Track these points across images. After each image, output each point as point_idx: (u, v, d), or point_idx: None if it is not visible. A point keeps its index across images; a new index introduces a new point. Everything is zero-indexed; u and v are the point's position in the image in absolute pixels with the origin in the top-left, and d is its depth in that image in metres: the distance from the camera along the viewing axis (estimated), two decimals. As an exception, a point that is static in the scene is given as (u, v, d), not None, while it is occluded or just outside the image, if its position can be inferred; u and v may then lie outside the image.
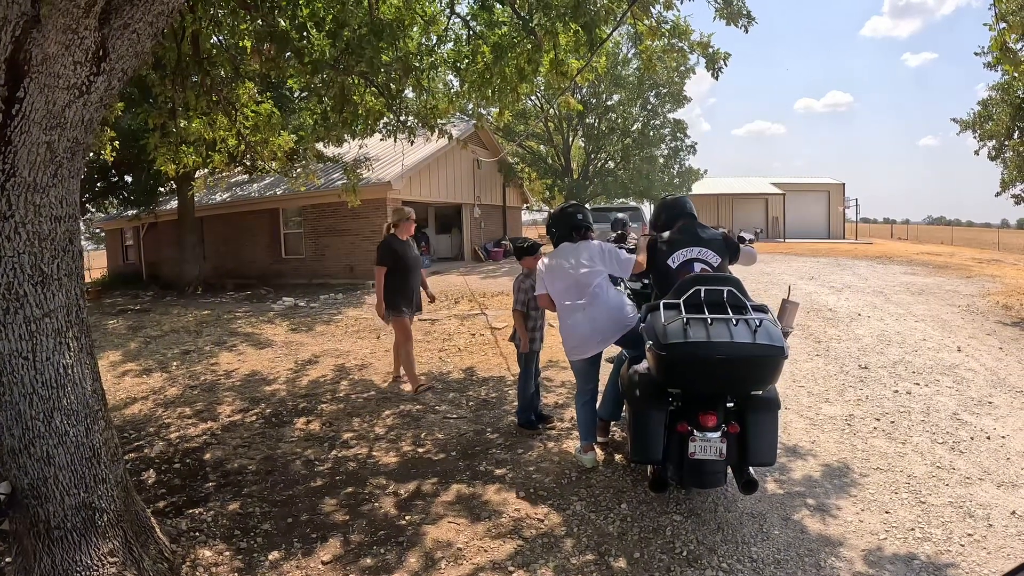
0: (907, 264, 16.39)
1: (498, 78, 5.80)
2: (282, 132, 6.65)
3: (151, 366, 7.54)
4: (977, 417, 4.91)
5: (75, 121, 2.74)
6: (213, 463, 4.49)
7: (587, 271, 3.98)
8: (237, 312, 11.85)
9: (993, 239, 30.88)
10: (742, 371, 3.10)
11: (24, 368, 2.66)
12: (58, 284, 2.78)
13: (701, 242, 3.89)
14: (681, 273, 3.72)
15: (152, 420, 5.59)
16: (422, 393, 5.85)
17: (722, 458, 3.13)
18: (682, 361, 3.06)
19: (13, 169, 2.58)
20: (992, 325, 8.46)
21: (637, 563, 3.01)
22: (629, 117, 25.16)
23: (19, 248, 2.64)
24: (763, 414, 3.20)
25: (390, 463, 4.34)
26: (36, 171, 2.65)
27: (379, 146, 14.56)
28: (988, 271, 14.55)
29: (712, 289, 3.26)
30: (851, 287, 11.88)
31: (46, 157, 2.67)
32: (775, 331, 3.10)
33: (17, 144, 2.57)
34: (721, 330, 3.04)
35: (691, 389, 3.24)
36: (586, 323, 3.98)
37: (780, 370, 3.16)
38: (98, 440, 2.88)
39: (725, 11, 5.40)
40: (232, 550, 3.25)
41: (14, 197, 2.61)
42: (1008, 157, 12.14)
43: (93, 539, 2.75)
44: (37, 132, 2.60)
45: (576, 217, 4.19)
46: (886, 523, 3.32)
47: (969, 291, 11.34)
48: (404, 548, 3.19)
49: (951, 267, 15.49)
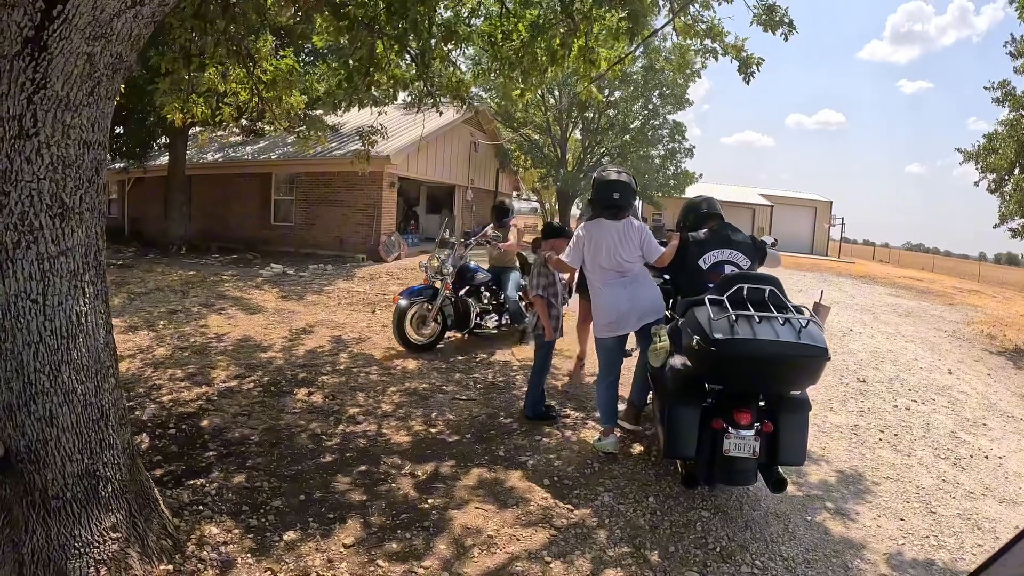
0: (891, 286, 16.69)
1: (529, 58, 5.65)
2: (294, 92, 6.40)
3: (137, 323, 7.25)
4: (974, 437, 5.08)
5: (123, 34, 2.41)
6: (212, 431, 4.27)
7: (631, 252, 3.95)
8: (224, 275, 11.50)
9: (971, 270, 31.69)
10: (788, 370, 3.11)
11: (32, 313, 2.33)
12: (79, 219, 2.46)
13: (732, 244, 3.89)
14: (712, 274, 3.71)
15: (142, 381, 5.34)
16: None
17: (755, 456, 3.12)
18: (731, 358, 3.02)
19: (45, 80, 2.24)
20: (979, 352, 8.68)
21: (673, 557, 2.97)
22: (629, 115, 25.06)
23: (40, 173, 2.31)
24: (797, 414, 3.22)
25: (402, 442, 4.19)
26: (71, 85, 2.32)
27: (379, 119, 14.25)
28: (970, 300, 14.90)
29: (754, 288, 3.24)
30: (840, 303, 12.01)
31: (84, 71, 2.34)
32: (818, 333, 3.09)
33: (54, 51, 2.23)
34: (767, 329, 3.02)
35: (734, 386, 3.22)
36: (627, 300, 3.93)
37: (822, 372, 3.17)
38: (107, 400, 2.58)
39: (765, 17, 5.32)
40: (242, 527, 3.04)
41: (41, 113, 2.27)
42: (1008, 191, 12.35)
43: (95, 511, 2.45)
44: (78, 40, 2.27)
45: (627, 196, 4.05)
46: (902, 530, 3.42)
47: (954, 318, 11.57)
48: (431, 533, 3.05)
49: (933, 293, 15.81)
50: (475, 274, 6.82)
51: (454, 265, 6.56)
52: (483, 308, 6.76)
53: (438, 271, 6.53)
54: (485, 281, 6.83)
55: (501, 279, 6.89)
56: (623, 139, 25.06)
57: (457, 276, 6.64)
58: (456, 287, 6.64)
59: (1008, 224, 12.54)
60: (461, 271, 6.70)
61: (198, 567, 2.69)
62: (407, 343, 6.36)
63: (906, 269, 28.80)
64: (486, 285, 6.82)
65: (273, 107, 6.26)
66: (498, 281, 6.90)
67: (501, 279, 6.89)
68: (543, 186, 32.23)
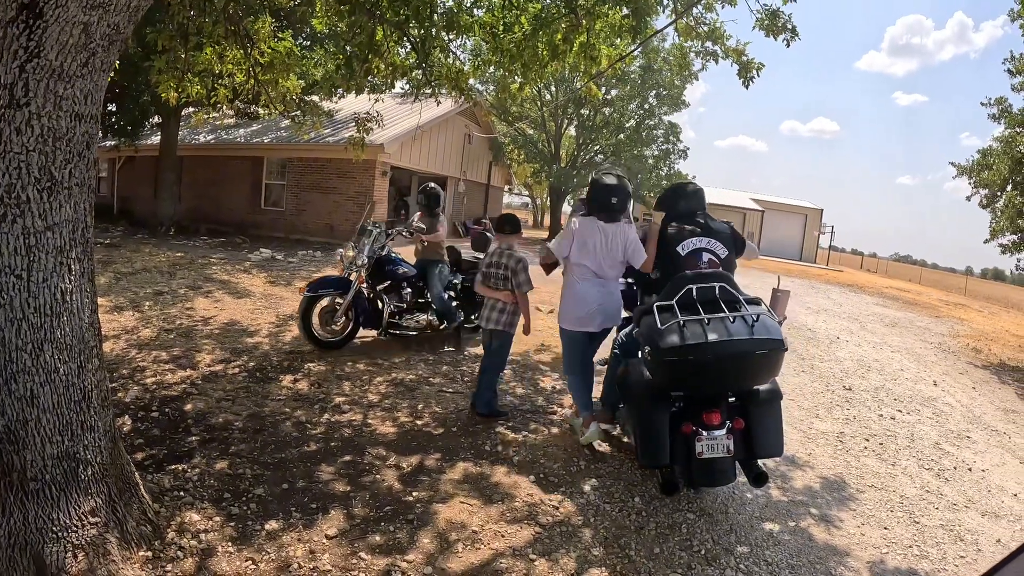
0: (878, 296, 16.81)
1: (530, 52, 5.60)
2: (291, 75, 6.32)
3: (122, 303, 7.14)
4: (958, 449, 5.12)
5: (121, 4, 2.35)
6: (195, 415, 4.21)
7: (613, 259, 3.98)
8: (212, 258, 11.37)
9: (958, 283, 32.07)
10: (743, 368, 3.08)
11: (15, 288, 2.28)
12: (67, 193, 2.40)
13: (711, 233, 3.80)
14: (689, 260, 3.63)
15: (126, 362, 5.26)
16: None
17: (730, 455, 3.12)
18: (682, 365, 3.01)
19: (39, 48, 2.18)
20: (964, 365, 8.76)
21: (658, 558, 2.96)
22: (625, 113, 25.03)
23: (29, 144, 2.25)
24: (766, 407, 3.22)
25: (388, 433, 4.15)
26: (66, 55, 2.26)
27: (375, 107, 14.14)
28: (955, 313, 15.04)
29: (703, 287, 3.21)
30: (827, 311, 12.09)
31: (80, 41, 2.28)
32: (772, 324, 3.07)
33: (49, 19, 2.17)
34: (719, 328, 2.99)
35: (695, 391, 3.20)
36: (596, 301, 3.98)
37: (781, 363, 3.15)
38: (90, 381, 2.52)
39: (768, 22, 5.30)
40: (223, 515, 2.99)
41: (34, 82, 2.21)
42: (1000, 207, 12.47)
43: (74, 495, 2.39)
44: (75, 9, 2.22)
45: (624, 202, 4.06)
46: (886, 538, 3.45)
47: (940, 330, 11.68)
48: (415, 527, 3.02)
49: (920, 304, 15.95)
50: (396, 267, 6.17)
51: (370, 256, 5.89)
52: (398, 306, 6.12)
53: (352, 262, 5.89)
54: (408, 276, 6.22)
55: (427, 274, 6.28)
56: (618, 138, 25.03)
57: (375, 268, 6.00)
58: (374, 281, 6.04)
59: (999, 240, 12.67)
60: (379, 263, 6.04)
61: (178, 554, 2.64)
62: (313, 339, 5.77)
63: (893, 279, 29.04)
64: (410, 280, 6.21)
65: (269, 90, 6.17)
66: (424, 276, 6.30)
67: (427, 274, 6.28)
68: (535, 181, 32.19)
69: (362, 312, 5.91)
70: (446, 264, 6.45)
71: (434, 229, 6.26)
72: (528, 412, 4.78)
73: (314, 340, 5.77)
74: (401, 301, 6.15)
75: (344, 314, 5.81)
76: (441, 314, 6.22)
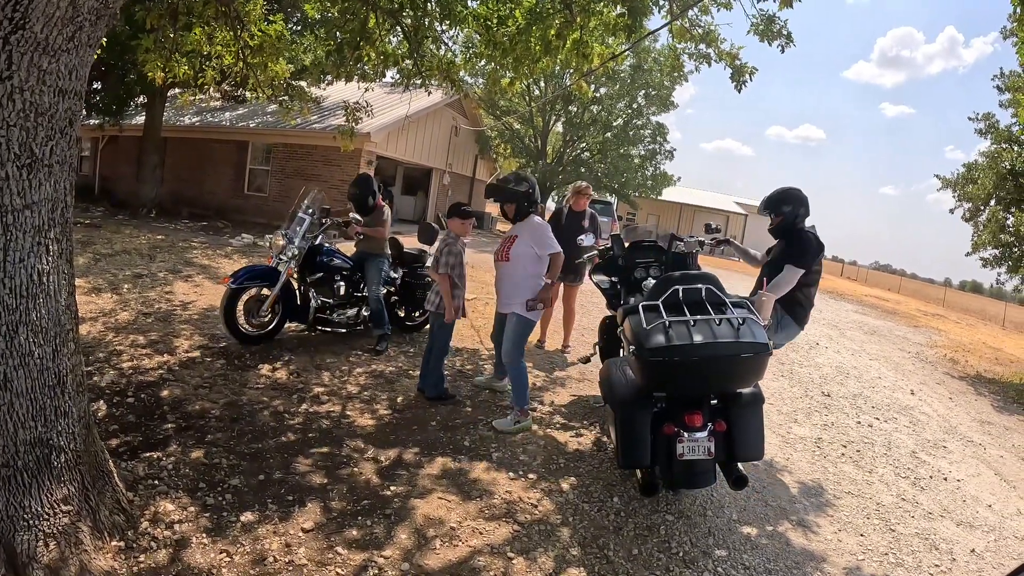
0: (858, 304, 17.02)
1: (523, 46, 5.56)
2: (280, 59, 6.22)
3: (101, 285, 7.00)
4: (934, 458, 5.16)
5: None
6: (171, 402, 4.14)
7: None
8: (193, 242, 11.22)
9: (937, 294, 32.49)
10: (728, 371, 3.08)
11: None
12: (47, 171, 2.34)
13: None
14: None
15: (102, 345, 5.15)
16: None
17: (710, 457, 3.12)
18: (667, 366, 3.00)
19: (24, 20, 2.11)
20: (941, 375, 8.88)
21: (636, 560, 2.96)
22: (614, 112, 25.07)
23: (10, 119, 2.18)
24: (748, 409, 3.22)
25: (366, 425, 4.12)
26: (51, 28, 2.19)
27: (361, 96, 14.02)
28: (933, 323, 15.28)
29: (690, 288, 3.21)
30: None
31: (67, 14, 2.21)
32: (758, 328, 3.08)
33: None
34: (704, 330, 2.99)
35: (678, 392, 3.20)
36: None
37: (766, 366, 3.15)
38: (65, 366, 2.47)
39: (763, 28, 5.31)
40: (198, 505, 2.94)
41: (17, 56, 2.13)
42: (983, 221, 12.68)
43: (46, 482, 2.34)
44: None
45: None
46: (862, 545, 3.46)
47: (918, 340, 11.86)
48: (392, 522, 2.99)
49: (899, 314, 16.17)
50: (330, 259, 5.81)
51: (300, 247, 5.54)
52: (325, 301, 5.79)
53: (282, 252, 5.52)
54: (343, 268, 5.87)
55: (366, 268, 5.90)
56: (605, 136, 25.09)
57: (306, 259, 5.65)
58: (305, 272, 5.69)
59: (980, 253, 12.88)
60: (311, 253, 5.68)
61: (151, 545, 2.59)
62: (237, 333, 5.35)
63: (873, 288, 29.43)
64: (344, 274, 5.87)
65: (257, 73, 6.07)
66: (362, 270, 5.94)
67: (366, 268, 5.90)
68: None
69: (288, 305, 5.63)
70: (387, 258, 6.06)
71: (379, 223, 5.91)
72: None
73: (237, 334, 5.37)
74: (331, 296, 5.82)
75: (271, 307, 5.48)
76: (373, 314, 5.83)
